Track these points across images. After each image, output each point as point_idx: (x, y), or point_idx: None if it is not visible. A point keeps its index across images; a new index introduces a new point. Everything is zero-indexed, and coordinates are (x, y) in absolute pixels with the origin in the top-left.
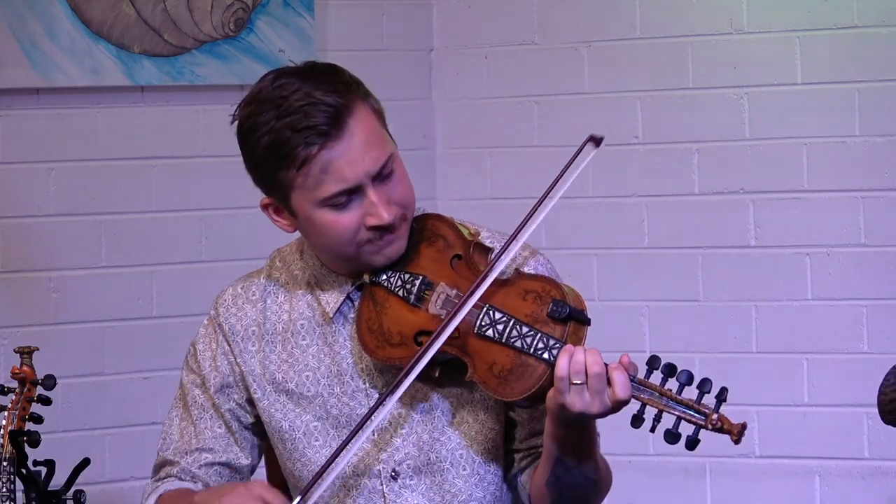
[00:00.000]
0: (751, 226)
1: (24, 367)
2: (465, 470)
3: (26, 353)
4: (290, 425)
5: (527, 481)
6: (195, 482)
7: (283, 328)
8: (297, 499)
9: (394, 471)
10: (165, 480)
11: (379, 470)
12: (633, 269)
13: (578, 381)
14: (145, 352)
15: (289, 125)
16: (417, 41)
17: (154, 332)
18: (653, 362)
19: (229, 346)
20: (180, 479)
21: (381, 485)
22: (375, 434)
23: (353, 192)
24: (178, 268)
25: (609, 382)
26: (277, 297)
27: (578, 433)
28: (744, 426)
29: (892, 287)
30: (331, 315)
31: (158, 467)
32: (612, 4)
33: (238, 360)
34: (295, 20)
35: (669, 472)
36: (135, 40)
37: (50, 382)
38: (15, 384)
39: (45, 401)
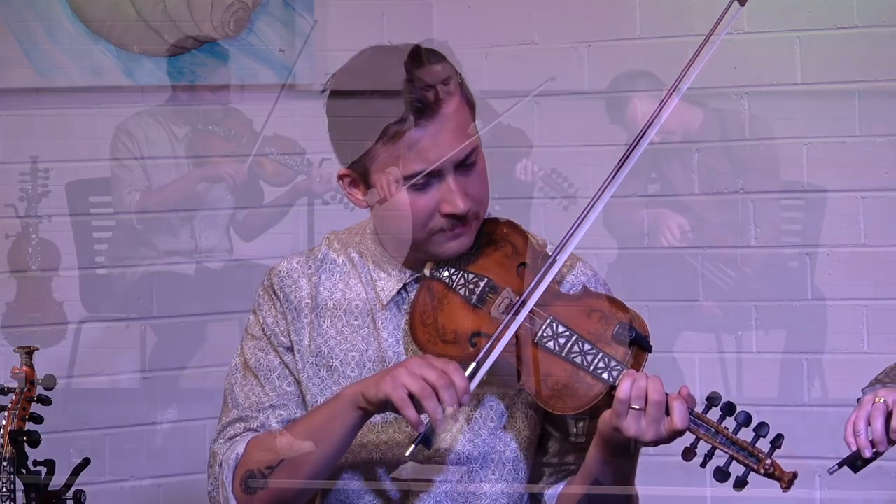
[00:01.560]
0: (751, 226)
1: (24, 367)
2: (493, 474)
3: (26, 353)
4: (324, 401)
5: (553, 496)
6: None
7: (334, 304)
8: (472, 365)
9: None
10: (242, 435)
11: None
12: (634, 269)
13: (637, 407)
14: (145, 352)
15: (384, 98)
16: (417, 41)
17: (154, 331)
18: (712, 399)
19: (284, 311)
20: (258, 433)
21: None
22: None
23: (434, 176)
24: (178, 268)
25: (668, 412)
26: (332, 275)
27: (623, 459)
28: (794, 475)
29: (892, 287)
30: (385, 302)
31: (226, 426)
32: (612, 4)
33: (290, 329)
34: (295, 20)
35: (669, 472)
36: (135, 40)
37: (50, 382)
38: (15, 384)
39: (45, 401)
